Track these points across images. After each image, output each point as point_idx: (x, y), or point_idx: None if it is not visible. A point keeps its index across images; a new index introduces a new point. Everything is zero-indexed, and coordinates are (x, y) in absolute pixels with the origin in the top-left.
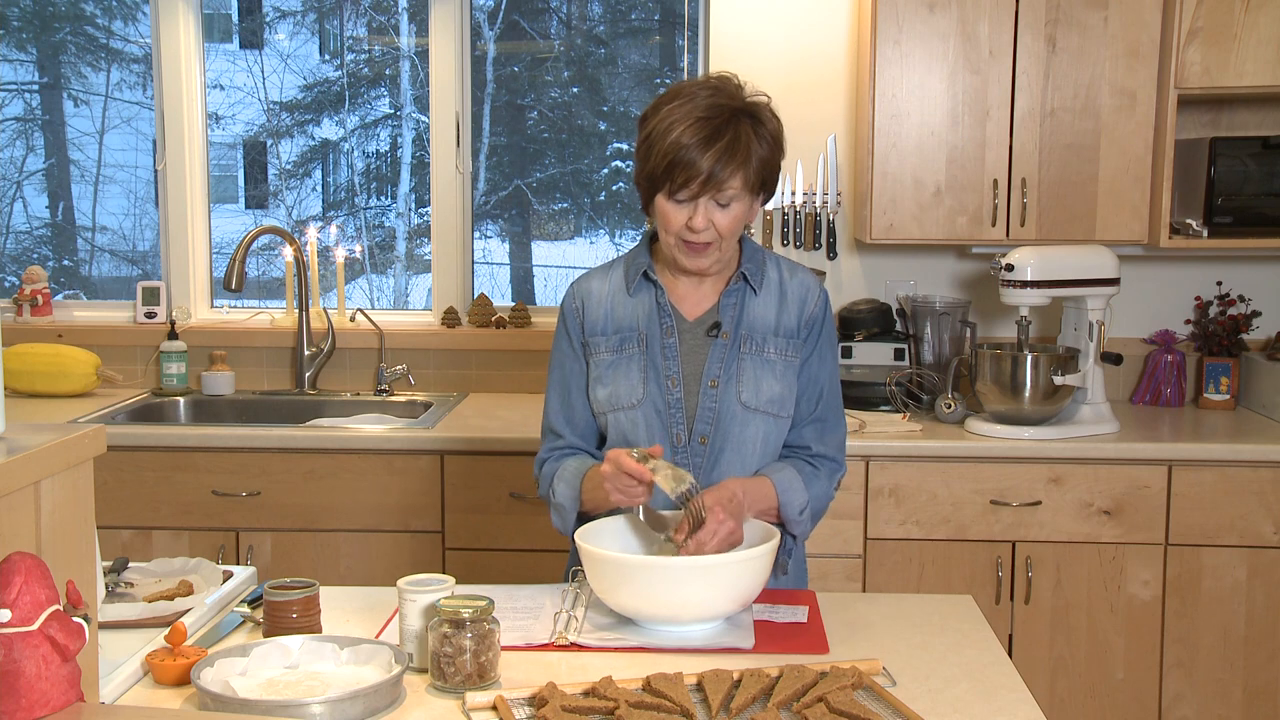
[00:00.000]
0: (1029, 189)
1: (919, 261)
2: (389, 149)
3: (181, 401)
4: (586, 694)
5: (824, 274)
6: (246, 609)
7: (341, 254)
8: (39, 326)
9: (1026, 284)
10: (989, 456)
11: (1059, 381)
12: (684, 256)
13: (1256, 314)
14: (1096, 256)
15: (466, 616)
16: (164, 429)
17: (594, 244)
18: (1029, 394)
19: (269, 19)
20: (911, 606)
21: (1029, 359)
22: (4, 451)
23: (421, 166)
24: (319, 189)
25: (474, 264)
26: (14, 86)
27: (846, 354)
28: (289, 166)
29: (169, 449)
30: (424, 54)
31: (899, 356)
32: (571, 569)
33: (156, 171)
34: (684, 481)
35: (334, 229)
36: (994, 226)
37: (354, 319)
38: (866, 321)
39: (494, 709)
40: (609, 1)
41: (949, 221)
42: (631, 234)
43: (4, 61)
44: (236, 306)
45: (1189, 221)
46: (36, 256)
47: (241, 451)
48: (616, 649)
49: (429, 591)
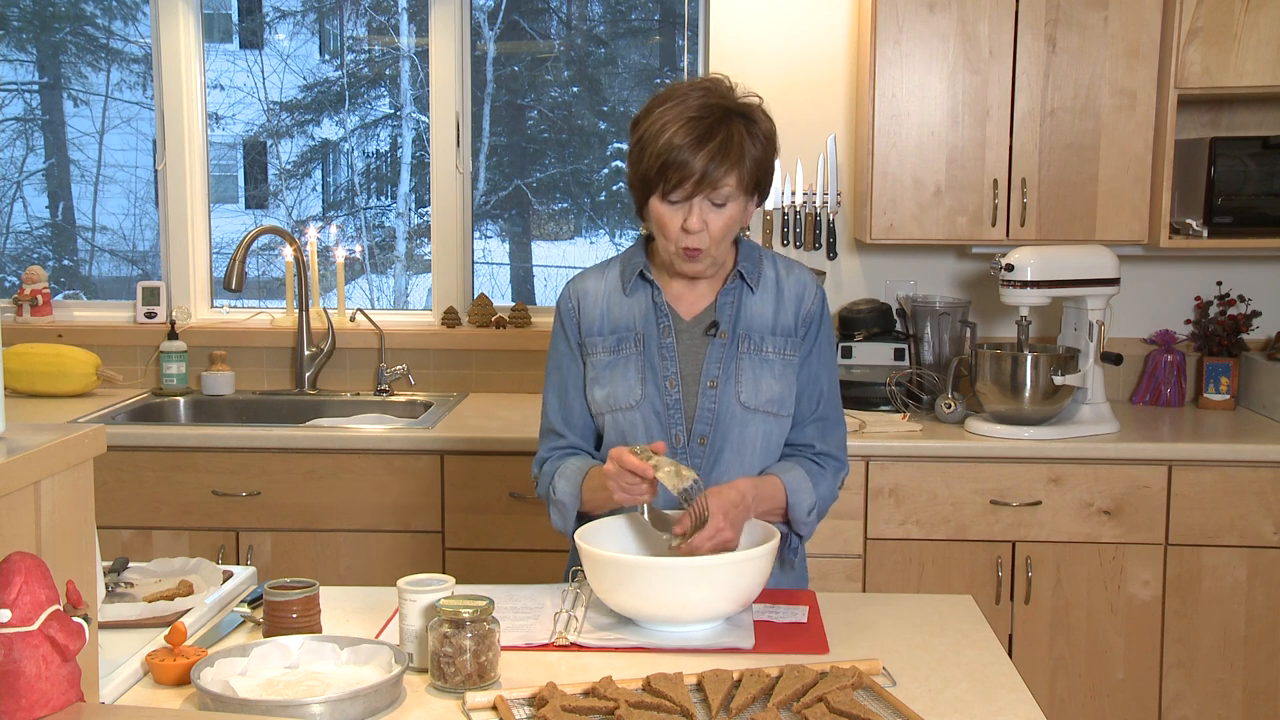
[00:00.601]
0: (1029, 189)
1: (919, 261)
2: (389, 149)
3: (181, 401)
4: (586, 694)
5: (824, 274)
6: (246, 609)
7: (341, 254)
8: (39, 326)
9: (1026, 284)
10: (989, 456)
11: (1059, 381)
12: (681, 261)
13: (1256, 314)
14: (1096, 256)
15: (466, 616)
16: (164, 429)
17: (594, 244)
18: (1029, 394)
19: (269, 19)
20: (911, 606)
21: (1029, 359)
22: (4, 451)
23: (421, 166)
24: (319, 189)
25: (474, 264)
26: (14, 86)
27: (846, 354)
28: (289, 166)
29: (169, 449)
30: (424, 54)
31: (899, 356)
32: (571, 569)
33: (156, 171)
34: (687, 478)
35: (334, 229)
36: (994, 226)
37: (354, 319)
38: (866, 321)
39: (494, 709)
40: (609, 1)
41: (949, 221)
42: (631, 234)
43: (4, 61)
44: (236, 306)
45: (1189, 221)
46: (36, 256)
47: (241, 451)
48: (616, 649)
49: (429, 591)
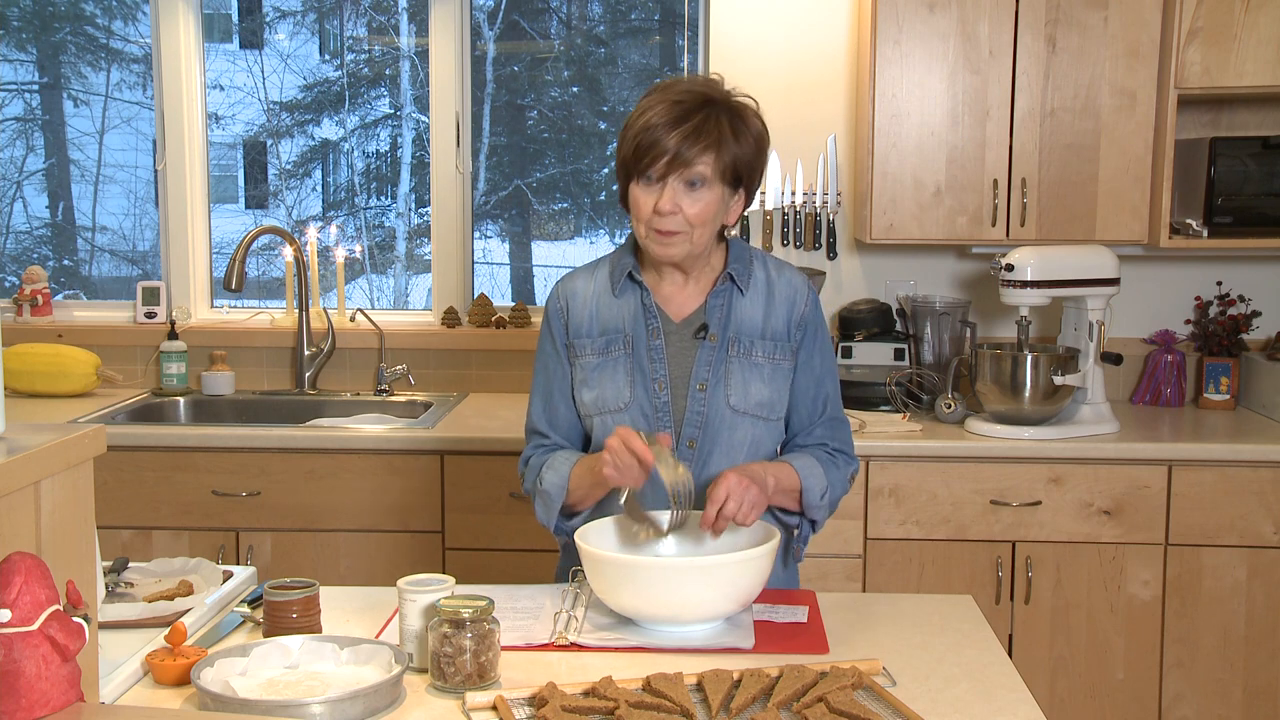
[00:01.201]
0: (1029, 189)
1: (919, 261)
2: (389, 149)
3: (181, 401)
4: (586, 694)
5: (823, 274)
6: (246, 609)
7: (341, 254)
8: (39, 326)
9: (1026, 284)
10: (989, 456)
11: (1059, 381)
12: (654, 244)
13: (1256, 314)
14: (1096, 256)
15: (466, 616)
16: (164, 429)
17: (594, 244)
18: (1029, 394)
19: (269, 19)
20: (911, 606)
21: (1029, 359)
22: (4, 451)
23: (421, 166)
24: (319, 189)
25: (474, 264)
26: (14, 86)
27: (846, 354)
28: (289, 166)
29: (169, 449)
30: (424, 54)
31: (899, 356)
32: (571, 569)
33: (156, 171)
34: (682, 476)
35: (334, 229)
36: (994, 226)
37: (354, 319)
38: (866, 321)
39: (494, 709)
40: (609, 1)
41: (949, 221)
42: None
43: (4, 61)
44: (236, 306)
45: (1189, 221)
46: (36, 256)
47: (241, 451)
48: (616, 649)
49: (429, 591)
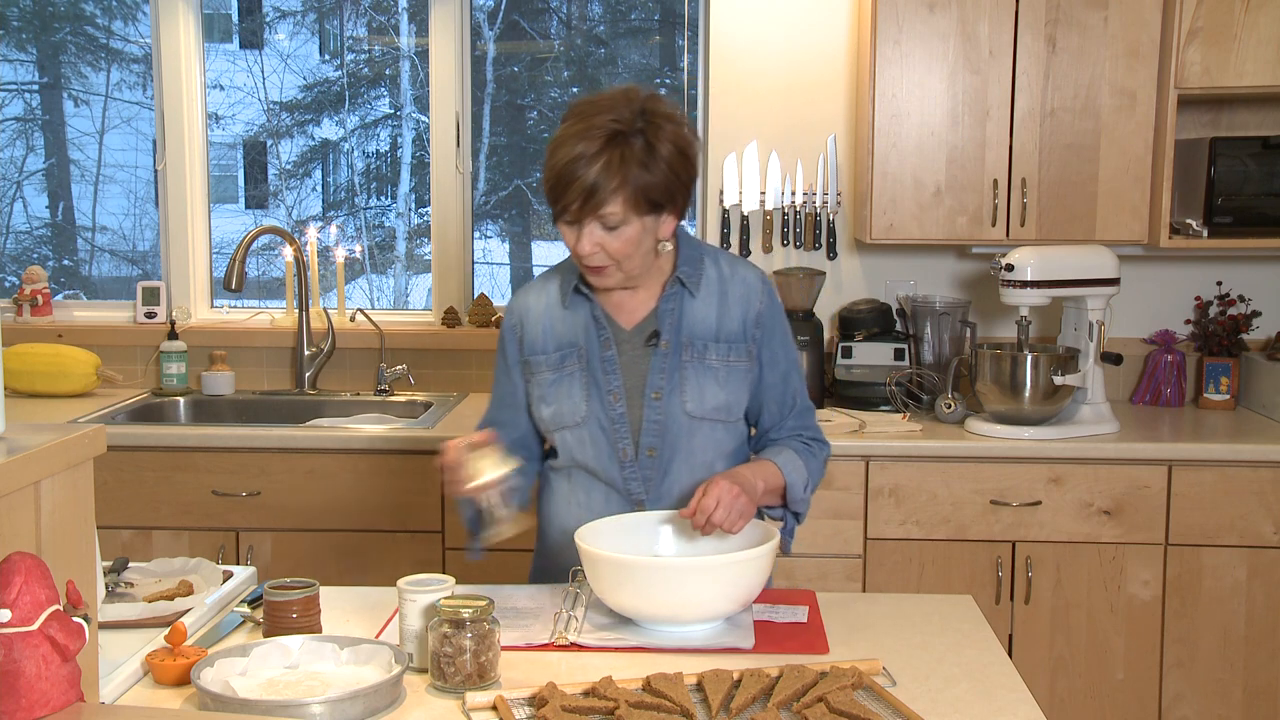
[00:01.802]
0: (1029, 189)
1: (919, 261)
2: (389, 149)
3: (181, 401)
4: (586, 694)
5: (824, 274)
6: (246, 609)
7: (341, 254)
8: (39, 326)
9: (1026, 284)
10: (989, 456)
11: (1059, 381)
12: (587, 275)
13: (1256, 314)
14: (1096, 256)
15: (466, 616)
16: (164, 429)
17: None
18: (1029, 394)
19: (269, 19)
20: (911, 606)
21: (1029, 359)
22: (4, 451)
23: (421, 166)
24: (319, 189)
25: (474, 264)
26: (14, 86)
27: (846, 354)
28: (289, 166)
29: (169, 449)
30: (424, 54)
31: (899, 356)
32: (571, 569)
33: (156, 171)
34: (490, 480)
35: (334, 229)
36: (994, 226)
37: (354, 319)
38: (866, 321)
39: (494, 709)
40: (609, 1)
41: (949, 221)
42: None
43: (4, 61)
44: (236, 306)
45: (1189, 221)
46: (36, 256)
47: (241, 451)
48: (616, 649)
49: (429, 591)
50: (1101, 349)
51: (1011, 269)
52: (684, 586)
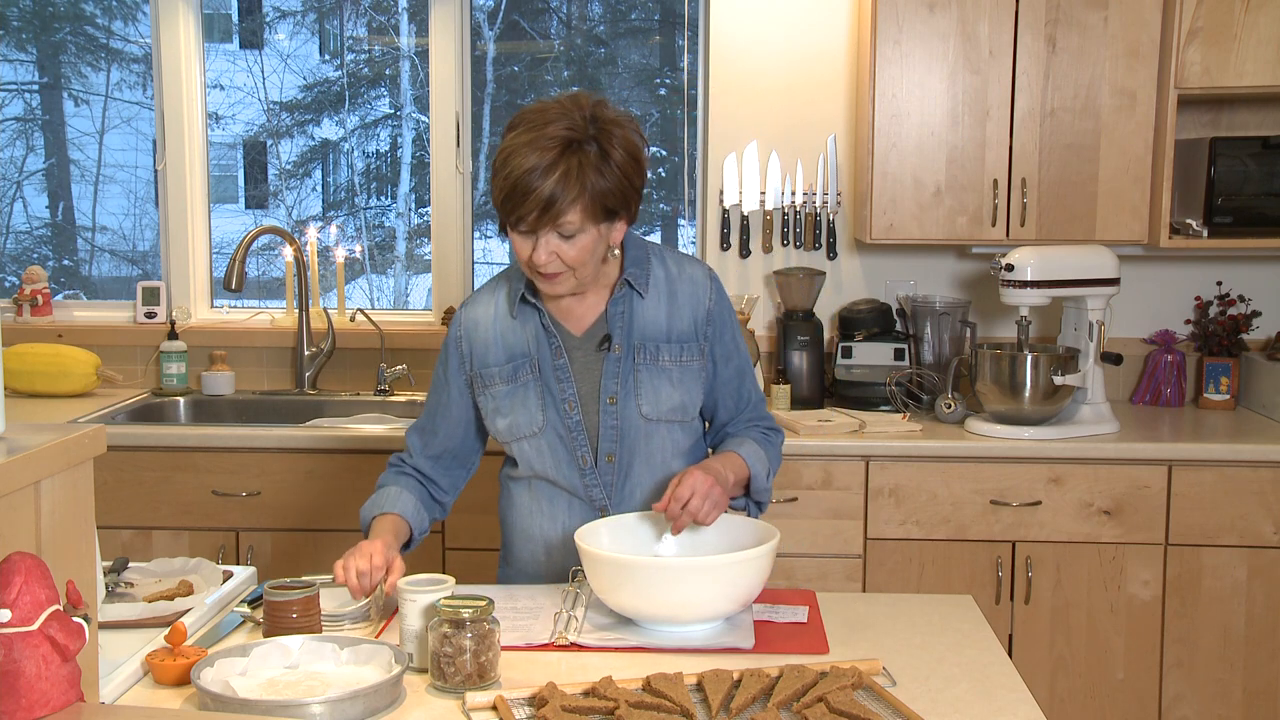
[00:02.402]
0: (1029, 189)
1: (919, 261)
2: (389, 149)
3: (181, 401)
4: (586, 694)
5: (824, 274)
6: (246, 609)
7: (341, 254)
8: (39, 326)
9: (1026, 284)
10: (989, 456)
11: (1059, 381)
12: (539, 283)
13: (1256, 314)
14: (1096, 256)
15: (466, 616)
16: (164, 429)
17: None
18: (1029, 394)
19: (269, 19)
20: (911, 606)
21: (1029, 359)
22: (4, 451)
23: (421, 166)
24: (319, 189)
25: (474, 264)
26: (14, 86)
27: (846, 354)
28: (289, 166)
29: (169, 449)
30: (424, 54)
31: (899, 356)
32: (571, 569)
33: (156, 171)
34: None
35: (334, 229)
36: (994, 226)
37: (354, 319)
38: (866, 321)
39: (494, 709)
40: (609, 1)
41: (949, 221)
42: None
43: (4, 61)
44: (236, 306)
45: (1189, 221)
46: (36, 256)
47: (241, 451)
48: (616, 649)
49: (429, 591)
50: (1101, 349)
51: (1011, 269)
52: (684, 586)
